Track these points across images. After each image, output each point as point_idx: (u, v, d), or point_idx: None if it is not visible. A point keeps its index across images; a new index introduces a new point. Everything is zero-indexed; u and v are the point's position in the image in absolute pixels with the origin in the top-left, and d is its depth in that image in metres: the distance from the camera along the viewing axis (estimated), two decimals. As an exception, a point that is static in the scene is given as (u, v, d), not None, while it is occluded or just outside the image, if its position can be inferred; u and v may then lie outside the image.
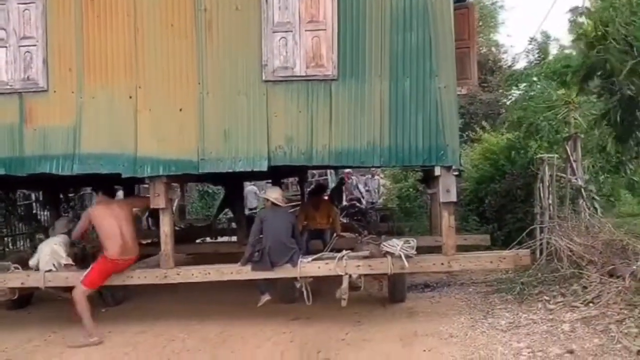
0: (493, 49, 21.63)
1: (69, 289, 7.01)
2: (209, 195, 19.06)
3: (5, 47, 6.66)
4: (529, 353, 5.16)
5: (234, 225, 13.02)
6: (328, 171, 17.77)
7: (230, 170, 6.59)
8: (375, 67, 6.35)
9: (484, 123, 13.16)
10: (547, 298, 6.58)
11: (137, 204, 7.92)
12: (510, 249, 7.11)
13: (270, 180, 12.85)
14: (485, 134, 12.46)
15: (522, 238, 7.86)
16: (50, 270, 6.81)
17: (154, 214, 11.37)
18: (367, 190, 15.85)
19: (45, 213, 13.51)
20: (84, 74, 6.59)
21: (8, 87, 6.66)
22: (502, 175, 10.66)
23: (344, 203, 14.51)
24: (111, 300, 7.82)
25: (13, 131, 6.64)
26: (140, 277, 6.74)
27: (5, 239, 12.28)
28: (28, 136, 6.63)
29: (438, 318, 6.49)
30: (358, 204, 14.09)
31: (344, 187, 15.19)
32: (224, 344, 6.04)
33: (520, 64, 18.90)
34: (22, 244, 12.44)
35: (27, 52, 6.65)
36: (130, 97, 6.55)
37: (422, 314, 6.78)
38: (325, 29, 6.38)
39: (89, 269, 6.50)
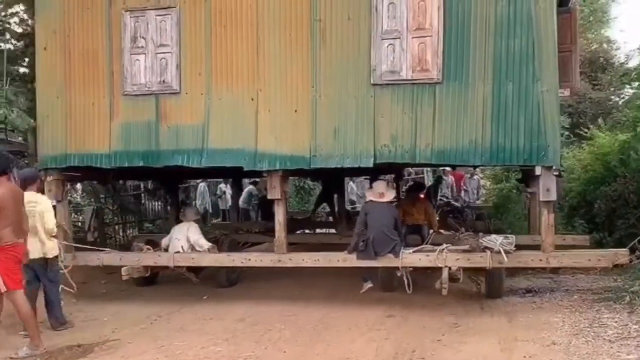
0: (604, 45, 20.47)
1: (194, 269, 7.95)
2: (304, 190, 19.84)
3: (144, 53, 7.59)
4: (639, 366, 4.80)
5: (330, 218, 13.74)
6: (425, 170, 18.01)
7: (339, 167, 7.18)
8: (479, 71, 6.69)
9: (599, 121, 12.54)
10: (660, 310, 6.11)
11: None
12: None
13: (368, 177, 13.44)
14: (598, 133, 11.60)
15: (633, 244, 7.46)
16: (178, 252, 7.75)
17: (264, 206, 12.35)
18: (464, 190, 15.95)
19: (154, 203, 14.70)
20: (212, 78, 7.42)
21: (146, 89, 7.60)
22: (614, 178, 10.13)
23: (439, 201, 14.72)
24: (226, 282, 8.54)
25: (150, 128, 7.58)
26: (256, 260, 7.50)
27: (116, 226, 13.14)
28: (163, 132, 7.54)
29: (540, 324, 6.22)
30: (453, 202, 14.32)
31: (440, 186, 15.43)
32: (319, 336, 6.11)
33: (635, 61, 17.65)
34: (130, 231, 13.24)
35: (163, 58, 7.55)
36: (252, 99, 7.30)
37: (522, 318, 6.53)
38: (431, 36, 6.80)
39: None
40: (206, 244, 7.83)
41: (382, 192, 7.40)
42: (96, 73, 7.73)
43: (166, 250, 8.00)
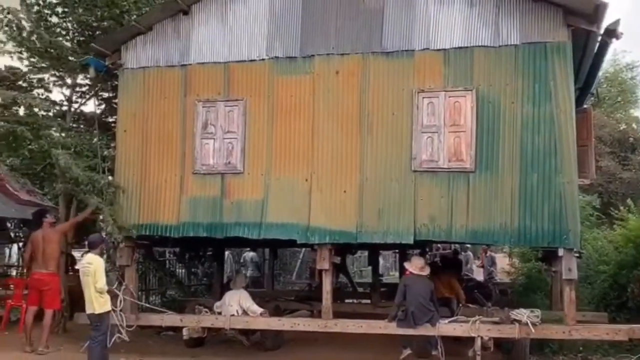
0: (634, 125, 20.59)
1: (246, 332, 8.73)
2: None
3: (214, 139, 8.73)
4: None
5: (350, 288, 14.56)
6: (452, 246, 18.61)
7: (382, 242, 8.12)
8: (508, 163, 7.69)
9: (628, 202, 12.24)
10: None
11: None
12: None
13: (397, 250, 14.30)
14: (629, 215, 11.38)
15: None
16: (233, 315, 8.58)
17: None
18: (478, 267, 16.64)
19: (181, 270, 14.83)
20: (271, 160, 8.50)
21: (213, 169, 8.69)
22: (649, 260, 9.84)
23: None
24: (271, 344, 9.21)
25: (215, 202, 8.61)
26: (304, 324, 8.30)
27: (140, 292, 12.51)
28: (226, 207, 8.56)
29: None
30: (475, 279, 14.99)
31: (462, 261, 16.07)
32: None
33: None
34: (153, 298, 13.01)
35: (229, 143, 8.67)
36: (306, 180, 8.34)
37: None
38: (465, 131, 7.85)
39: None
40: (258, 310, 8.66)
41: (421, 267, 8.25)
42: (170, 154, 8.86)
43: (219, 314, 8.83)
